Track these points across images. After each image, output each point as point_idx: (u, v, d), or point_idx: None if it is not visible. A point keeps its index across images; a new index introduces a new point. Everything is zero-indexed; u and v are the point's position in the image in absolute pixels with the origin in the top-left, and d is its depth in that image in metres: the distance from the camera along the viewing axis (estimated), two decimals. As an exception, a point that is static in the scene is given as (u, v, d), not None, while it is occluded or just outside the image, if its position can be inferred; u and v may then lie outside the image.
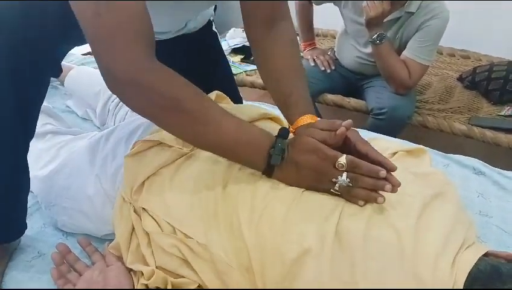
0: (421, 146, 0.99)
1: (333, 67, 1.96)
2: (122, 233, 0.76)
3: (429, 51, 1.65)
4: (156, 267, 0.72)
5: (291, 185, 0.72)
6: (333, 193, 0.70)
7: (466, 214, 0.78)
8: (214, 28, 1.22)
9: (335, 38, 2.00)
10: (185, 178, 0.77)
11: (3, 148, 0.74)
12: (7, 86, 0.70)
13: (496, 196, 1.05)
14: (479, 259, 0.62)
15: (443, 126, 1.74)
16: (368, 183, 0.68)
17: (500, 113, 1.83)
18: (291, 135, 0.76)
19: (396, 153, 0.91)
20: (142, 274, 0.72)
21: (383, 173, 0.67)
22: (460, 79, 2.13)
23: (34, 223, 0.92)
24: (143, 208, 0.76)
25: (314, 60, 1.98)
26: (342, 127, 0.70)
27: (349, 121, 0.71)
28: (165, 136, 0.82)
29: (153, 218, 0.75)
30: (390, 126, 1.66)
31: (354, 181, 0.68)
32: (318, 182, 0.71)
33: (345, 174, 0.68)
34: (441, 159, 1.18)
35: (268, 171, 0.72)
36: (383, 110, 1.68)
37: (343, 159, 0.68)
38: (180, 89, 0.68)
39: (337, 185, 0.69)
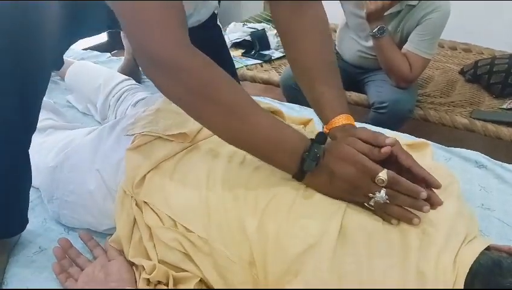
0: (423, 140, 0.99)
1: (334, 61, 1.95)
2: (123, 226, 0.76)
3: (430, 44, 1.64)
4: (158, 261, 0.72)
5: (321, 193, 0.69)
6: (366, 207, 0.68)
7: (468, 208, 0.78)
8: (218, 22, 1.20)
9: (335, 32, 1.99)
10: (186, 172, 0.77)
11: (4, 142, 0.74)
12: (8, 79, 0.69)
13: (498, 189, 1.05)
14: (481, 253, 0.63)
15: (445, 120, 1.73)
16: (406, 202, 0.65)
17: (502, 107, 1.83)
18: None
19: (398, 146, 0.90)
20: (144, 268, 0.72)
21: (423, 194, 0.64)
22: (462, 72, 2.13)
23: (35, 217, 0.92)
24: (144, 202, 0.75)
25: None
26: (387, 146, 0.67)
27: (394, 138, 0.68)
28: (165, 130, 0.81)
29: (155, 212, 0.74)
30: (392, 120, 1.66)
31: (392, 198, 0.64)
32: (352, 194, 0.67)
33: (383, 191, 0.64)
34: (442, 153, 1.18)
35: (299, 176, 0.69)
36: (384, 104, 1.68)
37: (384, 174, 0.64)
38: (220, 79, 0.66)
39: (372, 200, 0.65)
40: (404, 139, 1.03)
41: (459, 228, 0.67)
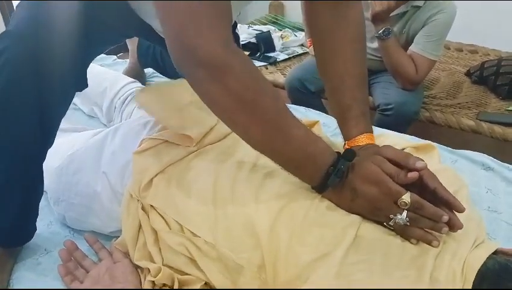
0: (430, 142, 0.99)
1: (339, 63, 1.95)
2: (129, 230, 0.76)
3: (436, 46, 1.63)
4: (163, 265, 0.72)
5: (340, 208, 0.69)
6: (385, 226, 0.67)
7: (476, 212, 0.77)
8: (236, 30, 1.19)
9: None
10: (194, 176, 0.77)
11: (21, 159, 0.75)
12: (32, 98, 0.69)
13: (505, 192, 1.04)
14: (488, 257, 0.63)
15: (451, 122, 1.72)
16: (427, 225, 0.64)
17: (509, 108, 1.81)
18: None
19: (404, 149, 0.90)
20: (149, 271, 0.71)
21: (445, 218, 0.63)
22: (468, 74, 2.11)
23: (41, 220, 0.92)
24: (151, 206, 0.75)
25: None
26: (414, 172, 0.64)
27: (424, 163, 0.66)
28: (172, 135, 0.81)
29: (161, 216, 0.75)
30: (398, 122, 1.65)
31: (413, 221, 0.64)
32: (372, 214, 0.67)
33: (405, 213, 0.64)
34: (449, 155, 1.17)
35: (320, 189, 0.69)
36: (389, 106, 1.67)
37: (407, 197, 0.63)
38: (262, 84, 0.64)
39: (392, 221, 0.65)
40: (410, 141, 1.03)
41: (468, 233, 0.67)
